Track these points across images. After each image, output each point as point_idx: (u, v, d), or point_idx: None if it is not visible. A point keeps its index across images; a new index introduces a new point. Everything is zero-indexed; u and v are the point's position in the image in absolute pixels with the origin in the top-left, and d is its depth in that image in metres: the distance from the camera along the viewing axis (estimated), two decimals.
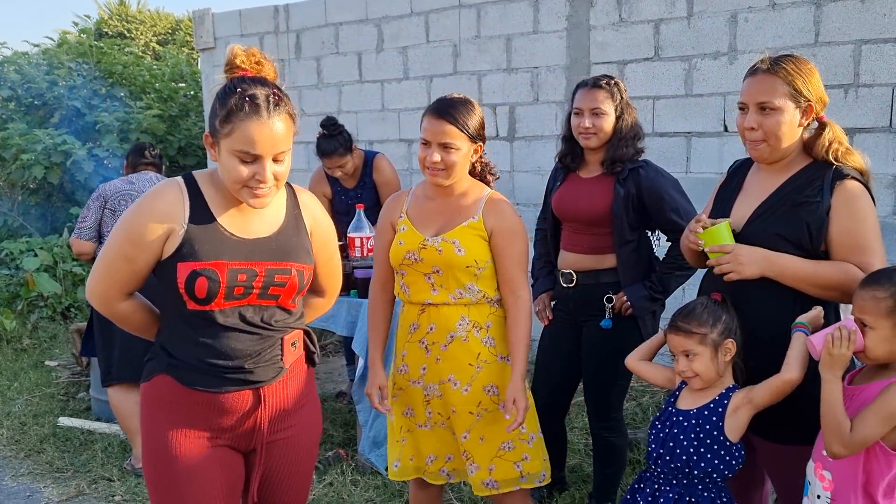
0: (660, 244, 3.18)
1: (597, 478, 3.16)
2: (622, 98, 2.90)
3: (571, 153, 3.00)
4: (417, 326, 2.47)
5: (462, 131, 2.38)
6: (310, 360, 2.13)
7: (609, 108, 2.86)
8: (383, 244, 2.54)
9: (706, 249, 2.17)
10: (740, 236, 2.21)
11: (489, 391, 2.45)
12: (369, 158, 4.36)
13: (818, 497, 2.00)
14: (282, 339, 1.98)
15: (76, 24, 11.79)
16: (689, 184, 4.73)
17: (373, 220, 3.90)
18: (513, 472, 2.47)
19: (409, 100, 5.93)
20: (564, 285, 2.99)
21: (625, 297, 2.90)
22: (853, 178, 2.13)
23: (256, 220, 1.93)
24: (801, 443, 2.13)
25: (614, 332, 2.91)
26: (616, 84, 2.91)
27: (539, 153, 5.37)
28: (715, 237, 2.14)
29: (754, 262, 2.08)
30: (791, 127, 2.14)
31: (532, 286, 3.10)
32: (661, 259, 3.06)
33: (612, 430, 3.07)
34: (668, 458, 2.20)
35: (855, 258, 2.07)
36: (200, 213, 1.87)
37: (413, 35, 5.85)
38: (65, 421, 4.33)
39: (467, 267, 2.39)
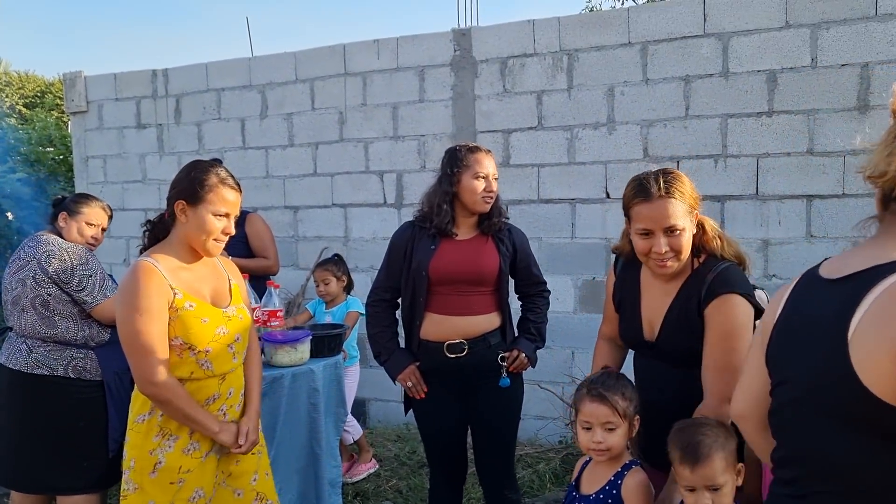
0: None
1: None
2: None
3: (451, 217, 2.95)
4: (218, 395, 2.44)
5: None
6: None
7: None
8: (162, 325, 2.28)
9: None
10: (657, 348, 2.29)
11: (262, 430, 2.67)
12: (243, 214, 4.54)
13: None
14: None
15: None
16: (574, 248, 4.89)
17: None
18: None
19: (295, 166, 5.84)
20: (451, 356, 2.90)
21: (519, 353, 2.95)
22: (721, 293, 2.16)
23: None
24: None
25: (510, 389, 2.95)
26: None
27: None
28: None
29: None
30: (690, 239, 2.22)
31: (385, 362, 3.03)
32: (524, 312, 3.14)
33: (513, 489, 3.05)
34: None
35: (710, 384, 2.13)
36: None
37: (298, 102, 5.81)
38: None
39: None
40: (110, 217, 3.47)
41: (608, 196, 4.81)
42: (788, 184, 4.35)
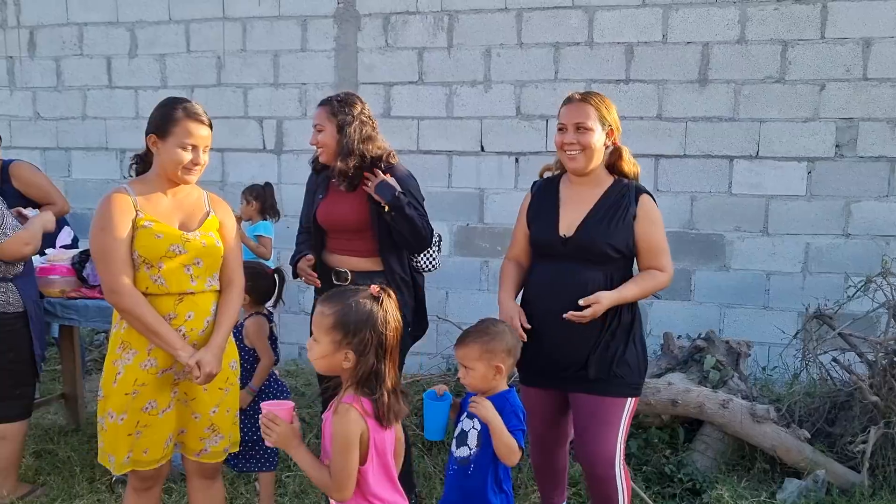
0: None
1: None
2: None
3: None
4: (175, 315, 2.53)
5: None
6: None
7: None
8: (124, 241, 2.47)
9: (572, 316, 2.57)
10: (572, 241, 2.70)
11: (233, 366, 2.73)
12: (4, 166, 4.08)
13: None
14: None
15: None
16: (450, 197, 5.30)
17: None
18: (238, 436, 2.81)
19: None
20: (338, 282, 3.12)
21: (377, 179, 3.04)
22: (648, 192, 2.75)
23: None
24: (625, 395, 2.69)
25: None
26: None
27: (308, 167, 5.54)
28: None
29: (610, 303, 2.59)
30: (599, 143, 2.69)
31: (291, 260, 3.24)
32: None
33: None
34: None
35: (654, 261, 2.71)
36: None
37: (172, 43, 5.73)
38: None
39: (220, 256, 2.64)
40: None
41: (482, 149, 5.24)
42: (641, 144, 4.96)
